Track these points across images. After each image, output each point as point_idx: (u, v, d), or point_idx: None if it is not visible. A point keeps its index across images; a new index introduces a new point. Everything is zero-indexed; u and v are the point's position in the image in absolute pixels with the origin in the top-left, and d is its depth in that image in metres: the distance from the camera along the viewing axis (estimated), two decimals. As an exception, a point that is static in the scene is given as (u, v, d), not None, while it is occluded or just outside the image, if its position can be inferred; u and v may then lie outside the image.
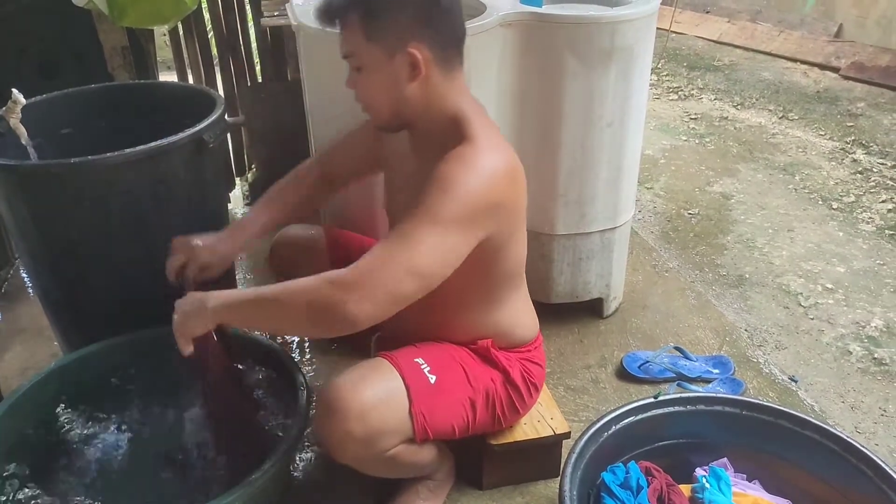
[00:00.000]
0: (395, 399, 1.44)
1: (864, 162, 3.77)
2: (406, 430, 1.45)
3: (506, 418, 1.64)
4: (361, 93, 1.45)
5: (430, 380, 1.49)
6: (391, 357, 1.51)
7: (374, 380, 1.45)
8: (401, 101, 1.42)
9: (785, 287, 2.71)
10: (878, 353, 2.35)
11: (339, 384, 1.42)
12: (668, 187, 3.55)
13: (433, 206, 1.30)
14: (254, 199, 3.17)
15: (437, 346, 1.58)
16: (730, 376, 2.14)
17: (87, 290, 1.88)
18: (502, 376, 1.61)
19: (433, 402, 1.48)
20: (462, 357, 1.58)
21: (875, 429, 2.05)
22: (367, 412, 1.39)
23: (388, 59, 1.37)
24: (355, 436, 1.38)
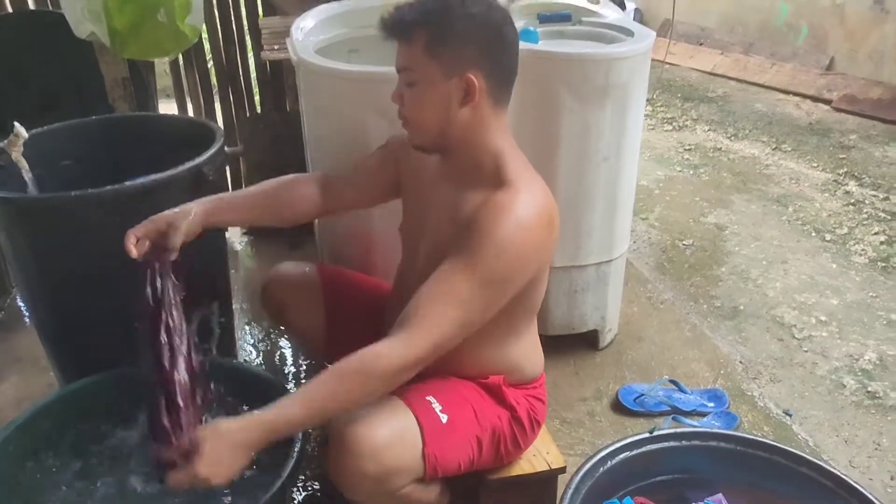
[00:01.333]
0: (409, 439, 1.44)
1: (856, 194, 3.81)
2: (418, 468, 1.45)
3: (508, 455, 1.64)
4: (409, 107, 1.44)
5: (442, 419, 1.49)
6: (402, 395, 1.49)
7: (387, 419, 1.43)
8: (447, 123, 1.42)
9: (779, 319, 2.73)
10: (871, 386, 2.36)
11: (354, 422, 1.40)
12: (663, 218, 3.58)
13: (478, 262, 1.33)
14: (251, 228, 3.20)
15: (446, 383, 1.58)
16: (724, 410, 2.15)
17: (85, 323, 1.88)
18: (509, 413, 1.61)
19: (444, 441, 1.48)
20: (471, 394, 1.58)
21: (869, 463, 2.06)
22: (381, 451, 1.38)
23: (444, 80, 1.38)
24: (369, 474, 1.38)
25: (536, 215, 1.39)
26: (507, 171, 1.42)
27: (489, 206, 1.37)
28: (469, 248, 1.34)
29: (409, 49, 1.39)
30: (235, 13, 3.10)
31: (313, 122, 2.11)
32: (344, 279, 1.89)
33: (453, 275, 1.34)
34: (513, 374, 1.62)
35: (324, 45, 2.15)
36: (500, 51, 1.41)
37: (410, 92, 1.42)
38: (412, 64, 1.39)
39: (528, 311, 1.59)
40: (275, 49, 2.54)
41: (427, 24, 1.36)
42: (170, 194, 1.81)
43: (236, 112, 3.20)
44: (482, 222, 1.35)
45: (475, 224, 1.35)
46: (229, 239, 3.06)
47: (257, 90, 3.26)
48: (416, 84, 1.41)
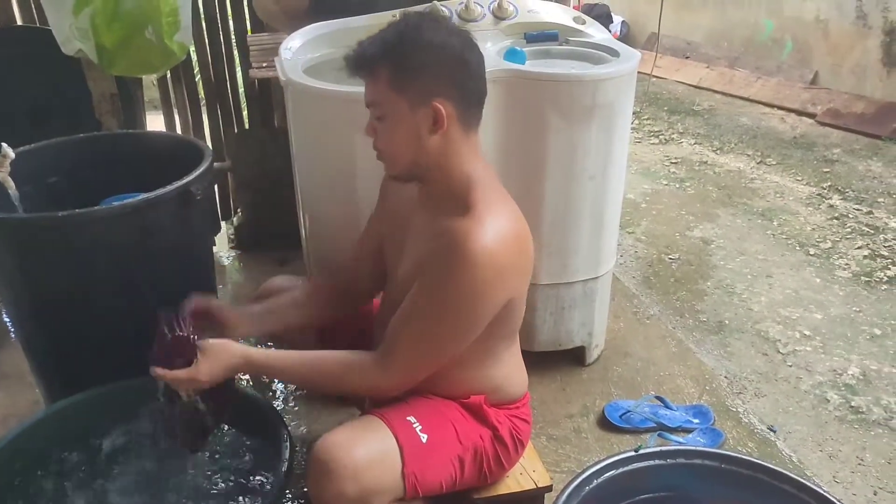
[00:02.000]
0: (389, 459, 1.44)
1: (840, 208, 3.85)
2: (398, 489, 1.45)
3: (492, 474, 1.65)
4: (381, 140, 1.45)
5: (422, 438, 1.49)
6: (383, 415, 1.50)
7: (367, 440, 1.44)
8: (419, 152, 1.44)
9: (764, 333, 2.75)
10: (854, 401, 2.39)
11: (333, 443, 1.41)
12: (649, 232, 3.60)
13: (441, 294, 1.38)
14: (239, 242, 3.20)
15: (427, 402, 1.58)
16: (710, 426, 2.17)
17: (72, 340, 1.88)
18: (491, 433, 1.62)
19: (424, 461, 1.48)
20: (452, 413, 1.59)
21: (853, 478, 2.08)
22: (361, 472, 1.39)
23: (411, 111, 1.40)
24: (348, 496, 1.38)
25: (499, 240, 1.38)
26: (472, 198, 1.42)
27: (448, 234, 1.38)
28: (431, 280, 1.40)
29: (374, 85, 1.40)
30: (224, 29, 3.10)
31: (301, 139, 2.12)
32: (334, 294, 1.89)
33: (421, 308, 1.41)
34: (495, 394, 1.63)
35: (312, 64, 2.16)
36: (465, 76, 1.43)
37: (381, 125, 1.43)
38: (379, 99, 1.41)
39: (507, 335, 1.60)
40: (263, 67, 2.55)
41: (388, 59, 1.38)
42: (158, 213, 1.82)
43: (224, 127, 3.21)
44: (442, 252, 1.38)
45: (436, 254, 1.39)
46: (217, 253, 3.06)
47: (245, 106, 3.26)
48: (386, 118, 1.42)
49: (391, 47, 1.38)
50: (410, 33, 1.39)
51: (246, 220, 3.18)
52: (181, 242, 1.92)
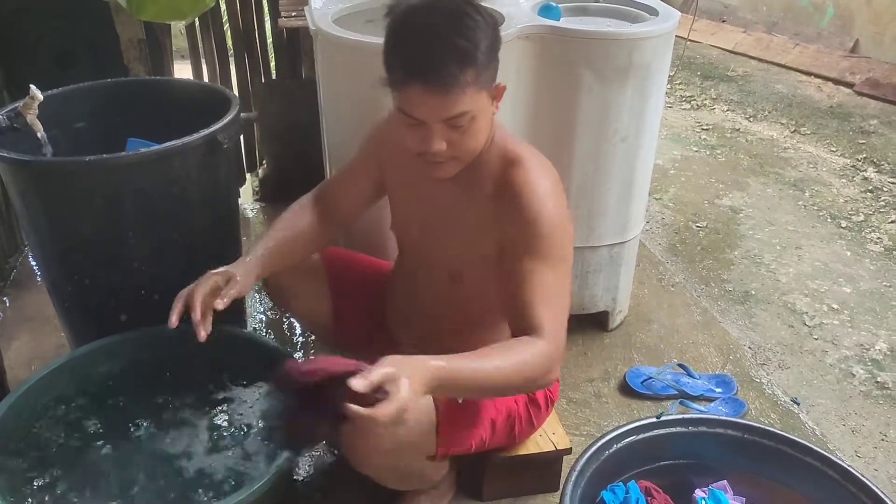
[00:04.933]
0: (425, 416, 1.44)
1: (874, 180, 3.76)
2: (430, 447, 1.46)
3: (522, 434, 1.66)
4: (464, 144, 1.34)
5: (458, 399, 1.49)
6: None
7: None
8: (489, 135, 1.41)
9: (790, 305, 2.71)
10: (880, 376, 2.35)
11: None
12: (678, 199, 3.54)
13: (549, 249, 1.36)
14: (263, 195, 3.19)
15: None
16: (732, 396, 2.15)
17: (97, 286, 1.89)
18: (526, 397, 1.61)
19: (458, 422, 1.48)
20: None
21: (875, 454, 2.05)
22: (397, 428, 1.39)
23: (489, 100, 1.34)
24: (382, 449, 1.39)
25: (557, 184, 1.43)
26: (508, 148, 1.42)
27: (520, 190, 1.37)
28: (533, 242, 1.35)
29: (459, 96, 1.26)
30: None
31: (329, 90, 2.09)
32: (347, 262, 1.87)
33: (540, 274, 1.35)
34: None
35: (341, 14, 2.12)
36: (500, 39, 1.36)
37: (463, 130, 1.32)
38: (466, 107, 1.29)
39: None
40: (292, 16, 2.51)
41: (471, 62, 1.25)
42: (185, 160, 1.81)
43: (251, 77, 3.17)
44: (528, 212, 1.35)
45: (522, 215, 1.36)
46: (241, 205, 3.05)
47: (273, 56, 3.22)
48: (474, 118, 1.32)
49: (464, 50, 1.24)
50: (470, 22, 1.26)
51: (271, 172, 3.17)
52: (207, 191, 1.91)
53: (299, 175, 2.94)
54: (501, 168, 1.40)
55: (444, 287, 1.55)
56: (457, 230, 1.48)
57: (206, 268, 1.99)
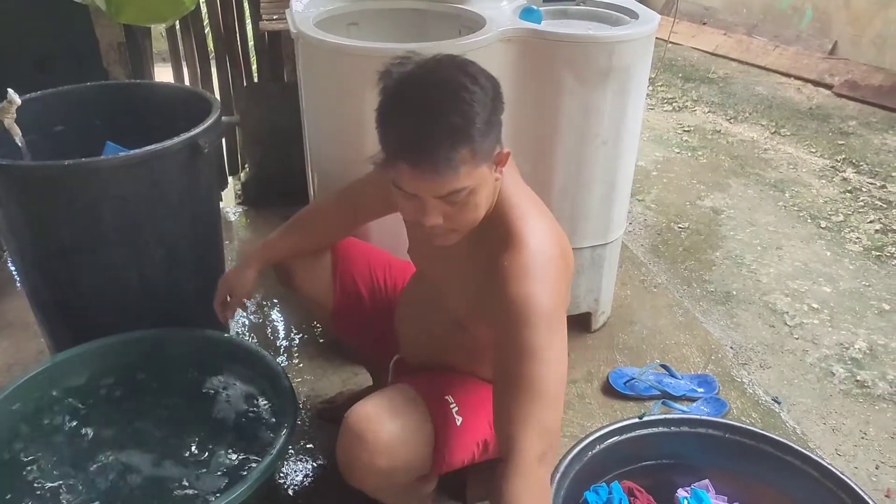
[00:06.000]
0: (423, 439, 1.42)
1: (853, 181, 3.80)
2: (426, 467, 1.45)
3: None
4: (463, 217, 1.26)
5: (457, 421, 1.47)
6: (420, 390, 1.47)
7: (404, 415, 1.41)
8: (492, 202, 1.32)
9: (771, 305, 2.74)
10: (860, 375, 2.38)
11: (369, 415, 1.38)
12: (660, 200, 3.57)
13: (534, 346, 1.19)
14: (246, 198, 3.18)
15: (466, 382, 1.55)
16: (714, 396, 2.16)
17: (77, 291, 1.88)
18: None
19: (455, 443, 1.47)
20: (487, 394, 1.58)
21: (855, 452, 2.07)
22: (395, 448, 1.37)
23: (489, 170, 1.25)
24: (378, 469, 1.37)
25: (557, 266, 1.29)
26: (509, 221, 1.31)
27: (510, 273, 1.24)
28: (516, 336, 1.21)
29: (453, 175, 1.18)
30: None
31: (311, 94, 2.08)
32: (353, 249, 1.83)
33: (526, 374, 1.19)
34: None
35: (323, 17, 2.11)
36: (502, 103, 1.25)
37: (461, 205, 1.24)
38: (462, 183, 1.20)
39: None
40: (273, 19, 2.50)
41: (463, 143, 1.16)
42: (165, 165, 1.80)
43: (233, 80, 3.16)
44: (513, 298, 1.22)
45: (507, 300, 1.23)
46: (224, 209, 3.04)
47: (254, 59, 3.21)
48: (475, 191, 1.23)
49: (458, 128, 1.15)
50: (461, 94, 1.16)
51: (253, 176, 3.16)
52: (188, 195, 1.90)
53: (282, 179, 2.96)
54: (500, 242, 1.30)
55: (450, 329, 1.51)
56: (459, 289, 1.43)
57: (187, 272, 2.00)
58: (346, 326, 1.85)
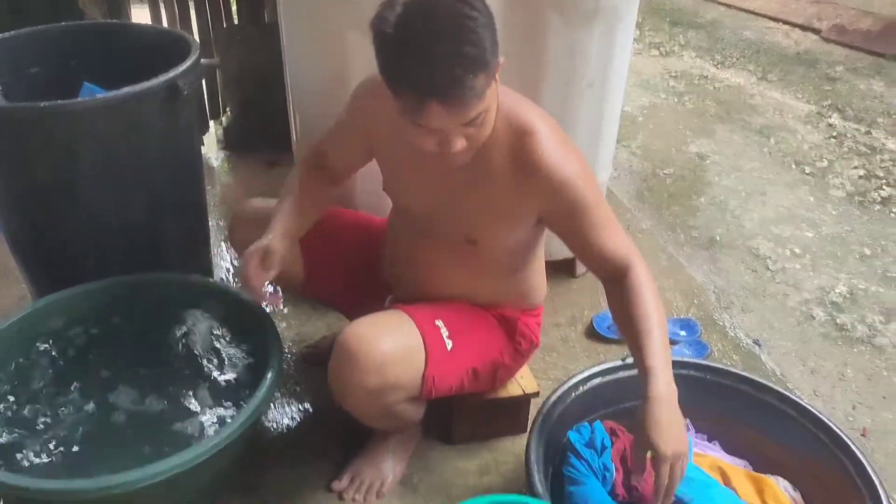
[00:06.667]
0: (413, 359, 1.45)
1: (838, 127, 3.80)
2: (415, 389, 1.47)
3: (502, 382, 1.68)
4: (484, 132, 1.31)
5: (447, 345, 1.50)
6: (412, 314, 1.50)
7: (395, 335, 1.45)
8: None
9: (754, 250, 2.75)
10: (840, 318, 2.41)
11: (361, 334, 1.41)
12: (645, 146, 3.56)
13: (589, 199, 1.38)
14: (228, 143, 3.14)
15: (458, 309, 1.58)
16: (696, 339, 2.19)
17: (57, 236, 1.85)
18: (513, 348, 1.64)
19: (445, 366, 1.49)
20: (483, 324, 1.60)
21: (833, 393, 2.11)
22: (385, 367, 1.40)
23: (495, 86, 1.28)
24: (369, 387, 1.40)
25: (564, 138, 1.42)
26: (515, 117, 1.38)
27: (541, 165, 1.36)
28: (573, 204, 1.37)
29: (480, 100, 1.22)
30: (212, -84, 2.95)
31: (293, 37, 2.04)
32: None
33: (594, 220, 1.39)
34: (522, 300, 1.65)
35: (304, -46, 2.05)
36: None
37: (479, 124, 1.27)
38: (484, 106, 1.24)
39: (542, 238, 1.62)
40: (253, -43, 2.43)
41: (482, 66, 1.18)
42: (143, 107, 1.76)
43: (212, 23, 3.09)
44: (555, 182, 1.36)
45: (549, 187, 1.36)
46: (205, 154, 3.00)
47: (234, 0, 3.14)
48: (488, 110, 1.27)
49: (473, 58, 1.17)
50: (466, 23, 1.16)
51: (235, 120, 3.11)
52: (168, 139, 1.87)
53: (264, 123, 2.92)
54: (513, 139, 1.37)
55: (458, 249, 1.53)
56: (473, 202, 1.45)
57: (169, 217, 1.98)
58: (318, 292, 1.84)
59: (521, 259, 1.60)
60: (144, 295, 1.80)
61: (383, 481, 1.67)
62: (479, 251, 1.52)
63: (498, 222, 1.47)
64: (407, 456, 1.74)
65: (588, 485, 1.46)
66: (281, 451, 1.79)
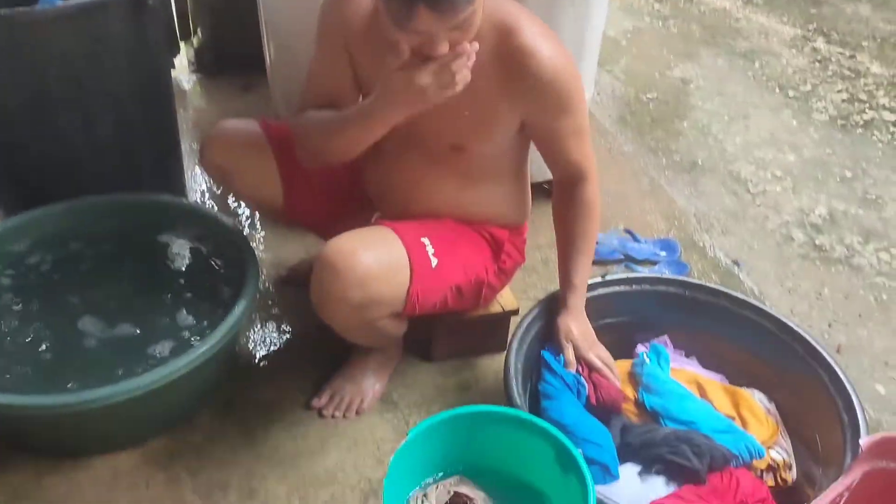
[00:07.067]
0: (397, 275, 1.43)
1: (823, 51, 3.75)
2: (398, 305, 1.46)
3: (486, 300, 1.68)
4: (471, 34, 1.28)
5: (433, 263, 1.48)
6: (397, 229, 1.48)
7: (380, 250, 1.42)
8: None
9: (735, 174, 2.74)
10: (818, 239, 2.42)
11: (344, 248, 1.39)
12: (629, 70, 3.50)
13: (572, 103, 1.43)
14: (200, 66, 3.05)
15: (443, 227, 1.56)
16: (676, 259, 2.19)
17: (23, 155, 1.81)
18: (497, 267, 1.63)
19: (429, 283, 1.47)
20: (468, 241, 1.59)
21: (810, 312, 2.13)
22: (369, 281, 1.38)
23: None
24: (352, 302, 1.38)
25: (550, 33, 1.41)
26: (498, 15, 1.36)
27: (528, 61, 1.36)
28: (556, 105, 1.42)
29: (468, 4, 1.20)
30: None
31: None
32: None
33: (571, 127, 1.47)
34: (506, 217, 1.64)
35: None
36: None
37: (466, 27, 1.25)
38: (471, 8, 1.22)
39: (527, 153, 1.62)
40: None
41: None
42: (108, 19, 1.70)
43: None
44: (541, 79, 1.37)
45: (535, 84, 1.37)
46: (177, 77, 2.92)
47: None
48: (475, 11, 1.24)
49: None
50: None
51: (206, 42, 3.01)
52: (135, 54, 1.81)
53: (237, 45, 2.82)
54: (498, 39, 1.35)
55: (444, 158, 1.51)
56: (463, 107, 1.41)
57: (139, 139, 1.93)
58: (299, 215, 1.77)
59: (507, 171, 1.58)
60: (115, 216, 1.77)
61: (363, 398, 1.68)
62: (464, 159, 1.50)
63: (482, 126, 1.45)
64: (387, 374, 1.74)
65: (562, 399, 1.47)
66: (260, 371, 1.79)
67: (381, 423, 1.68)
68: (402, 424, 1.67)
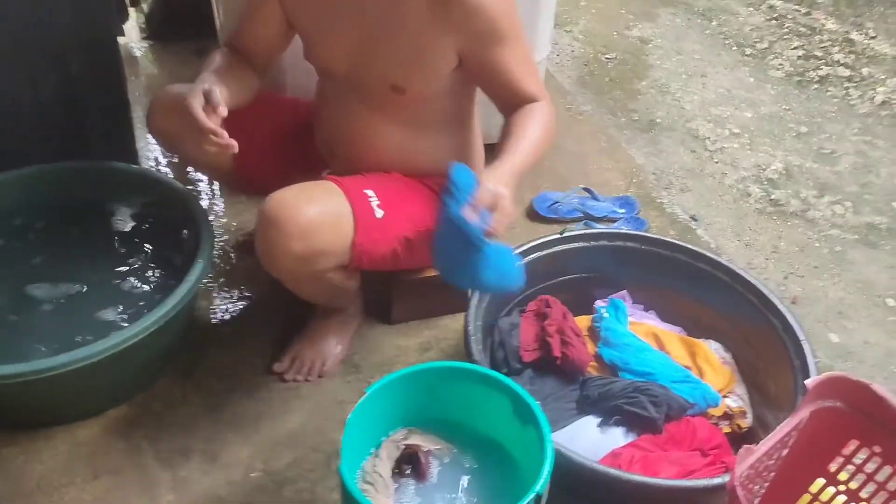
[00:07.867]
0: (340, 225, 1.42)
1: (780, 8, 3.77)
2: (344, 256, 1.45)
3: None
4: None
5: (377, 213, 1.47)
6: (340, 182, 1.47)
7: (320, 201, 1.41)
8: None
9: (693, 132, 2.76)
10: (775, 194, 2.45)
11: (285, 200, 1.37)
12: (587, 31, 3.48)
13: (510, 31, 1.40)
14: (151, 32, 2.97)
15: (389, 179, 1.56)
16: (634, 216, 2.20)
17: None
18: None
19: (375, 235, 1.46)
20: (415, 194, 1.57)
21: (766, 265, 2.17)
22: (310, 232, 1.37)
23: None
24: (294, 253, 1.37)
25: None
26: None
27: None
28: (491, 35, 1.38)
29: None
30: None
31: None
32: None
33: (511, 56, 1.42)
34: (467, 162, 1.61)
35: None
36: None
37: None
38: None
39: (474, 97, 1.62)
40: None
41: None
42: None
43: None
44: (472, 8, 1.35)
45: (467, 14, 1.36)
46: (127, 44, 2.84)
47: None
48: None
49: None
50: None
51: (157, 7, 2.93)
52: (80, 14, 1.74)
53: (188, 8, 2.75)
54: None
55: (385, 102, 1.50)
56: (397, 43, 1.42)
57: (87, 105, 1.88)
58: (250, 180, 1.75)
59: (452, 119, 1.58)
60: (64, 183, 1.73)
61: (324, 361, 1.67)
62: (406, 103, 1.49)
63: (419, 63, 1.44)
64: (348, 336, 1.73)
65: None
66: (220, 336, 1.77)
67: (343, 385, 1.68)
68: (364, 387, 1.63)
